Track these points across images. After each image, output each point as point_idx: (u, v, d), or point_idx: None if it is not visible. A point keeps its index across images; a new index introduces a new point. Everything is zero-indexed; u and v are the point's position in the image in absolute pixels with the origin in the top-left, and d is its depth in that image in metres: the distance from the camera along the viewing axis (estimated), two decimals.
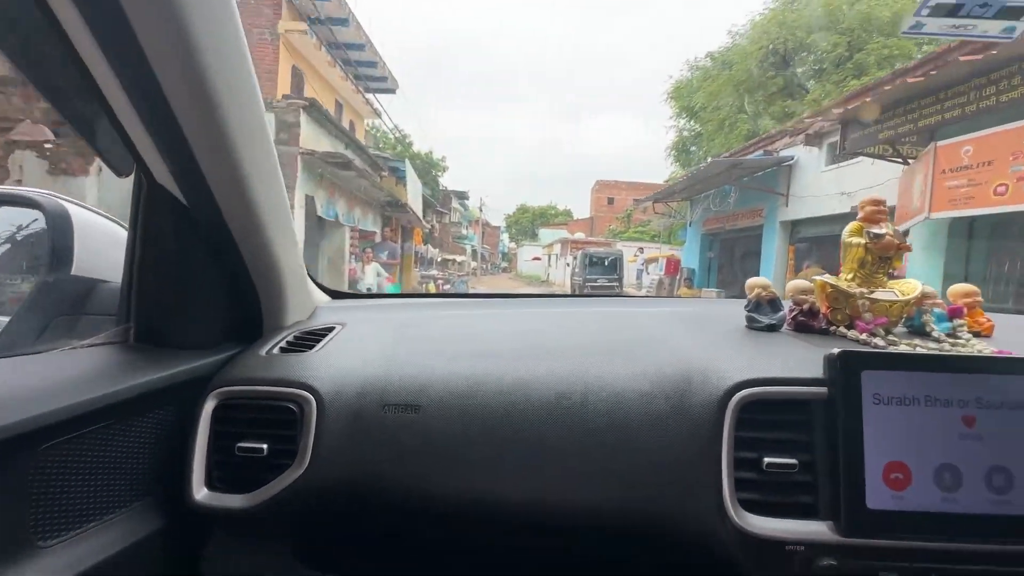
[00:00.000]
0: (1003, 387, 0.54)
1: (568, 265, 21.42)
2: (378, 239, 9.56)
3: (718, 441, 0.56)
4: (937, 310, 0.71)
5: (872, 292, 0.71)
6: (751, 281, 0.76)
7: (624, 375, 0.63)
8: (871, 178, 7.23)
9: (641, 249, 20.58)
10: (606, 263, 17.19)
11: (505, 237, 55.52)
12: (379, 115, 13.38)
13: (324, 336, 0.78)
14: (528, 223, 50.48)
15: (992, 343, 0.69)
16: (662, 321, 0.83)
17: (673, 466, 0.58)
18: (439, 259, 20.79)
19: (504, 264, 53.12)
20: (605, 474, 0.59)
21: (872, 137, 6.36)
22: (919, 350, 0.65)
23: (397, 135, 22.04)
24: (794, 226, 9.60)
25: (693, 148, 18.22)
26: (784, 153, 9.46)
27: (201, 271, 0.72)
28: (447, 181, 26.62)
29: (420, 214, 13.60)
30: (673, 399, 0.60)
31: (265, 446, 0.62)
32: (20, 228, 0.87)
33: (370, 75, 12.14)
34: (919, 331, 0.72)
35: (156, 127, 0.57)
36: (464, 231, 30.31)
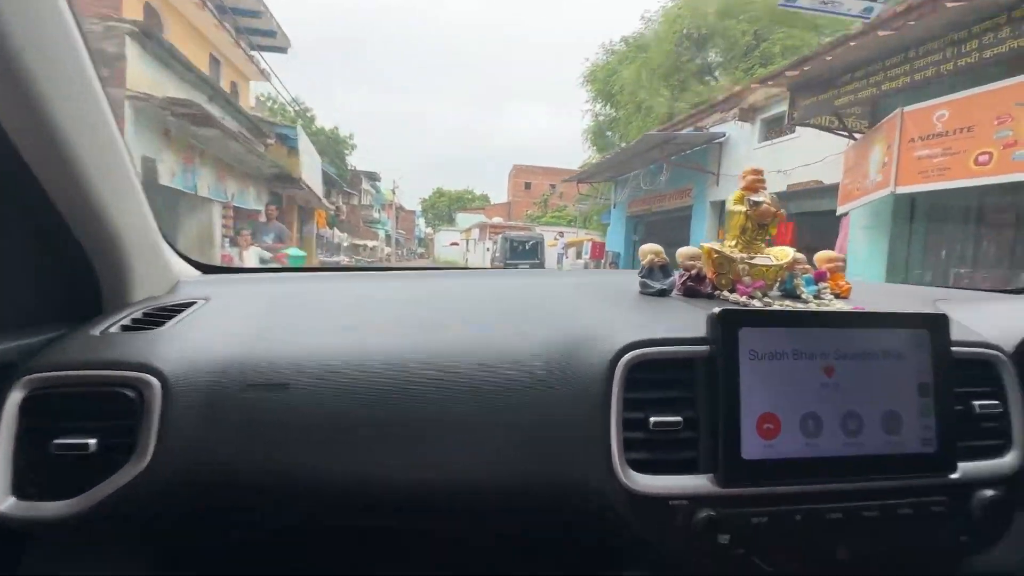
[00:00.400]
0: (856, 339, 0.61)
1: (488, 250, 21.39)
2: (263, 219, 7.75)
3: (607, 403, 0.58)
4: (806, 275, 0.80)
5: (752, 258, 0.78)
6: (644, 248, 0.80)
7: (513, 343, 0.63)
8: (809, 154, 6.93)
9: (561, 233, 20.84)
10: (527, 247, 17.36)
11: (421, 222, 54.49)
12: (268, 77, 11.71)
13: (180, 312, 0.70)
14: (445, 207, 49.98)
15: (849, 303, 0.78)
16: (556, 290, 0.84)
17: (564, 431, 0.59)
18: (347, 244, 19.73)
19: (421, 250, 52.17)
20: (496, 446, 0.59)
21: (827, 105, 5.71)
22: (777, 307, 0.72)
23: (297, 107, 20.54)
24: (724, 206, 9.38)
25: (609, 133, 18.44)
26: (715, 130, 9.11)
27: (6, 238, 0.60)
28: (356, 162, 25.77)
29: (321, 193, 12.60)
30: (562, 364, 0.61)
31: (93, 441, 0.54)
32: None
33: (253, 27, 10.22)
34: (791, 293, 0.79)
35: None
36: (376, 215, 29.29)
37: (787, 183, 7.38)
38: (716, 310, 0.60)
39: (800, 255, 0.80)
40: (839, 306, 0.74)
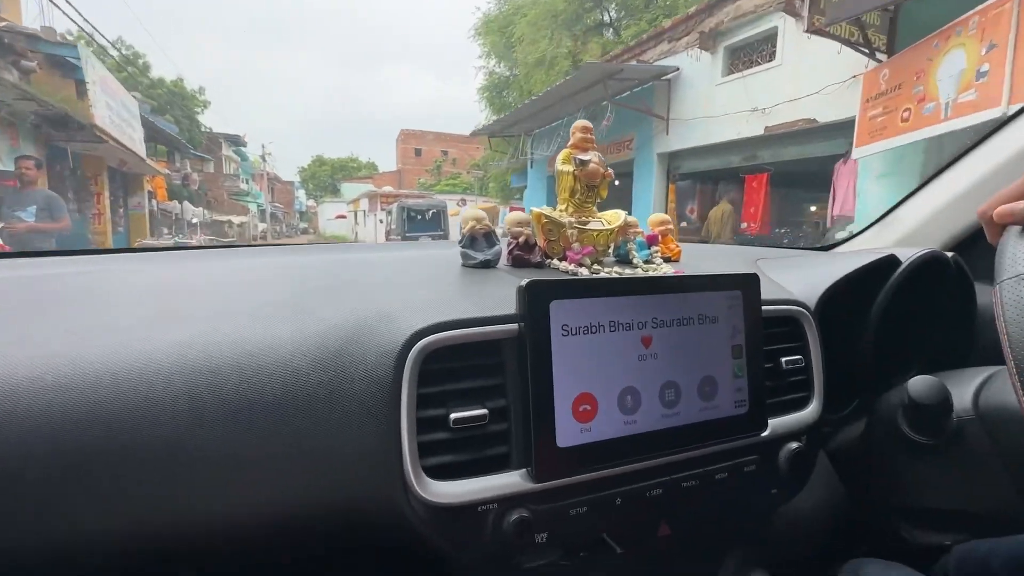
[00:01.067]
0: (673, 305, 0.59)
1: (381, 222, 19.89)
2: (19, 186, 4.68)
3: (396, 402, 0.49)
4: (639, 238, 0.78)
5: (586, 223, 0.74)
6: (465, 213, 0.71)
7: (292, 338, 0.51)
8: (796, 86, 5.60)
9: (463, 201, 18.54)
10: (428, 217, 15.59)
11: (302, 194, 50.53)
12: None
13: None
14: (327, 177, 46.76)
15: (678, 267, 0.78)
16: (373, 267, 0.74)
17: (346, 445, 0.49)
18: (205, 220, 17.52)
19: (303, 225, 48.51)
20: (263, 472, 0.47)
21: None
22: (607, 273, 0.68)
23: (120, 50, 17.57)
24: (673, 159, 7.80)
25: (506, 92, 17.35)
26: (664, 63, 7.53)
27: None
28: (213, 125, 23.12)
29: (143, 153, 10.35)
30: (345, 359, 0.51)
31: None
32: None
33: None
34: (624, 259, 0.77)
35: None
36: (244, 185, 26.32)
37: (764, 124, 6.13)
38: (524, 282, 0.53)
39: (632, 218, 0.77)
40: (665, 270, 0.74)
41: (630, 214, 0.78)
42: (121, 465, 0.43)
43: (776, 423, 0.65)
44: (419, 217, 15.42)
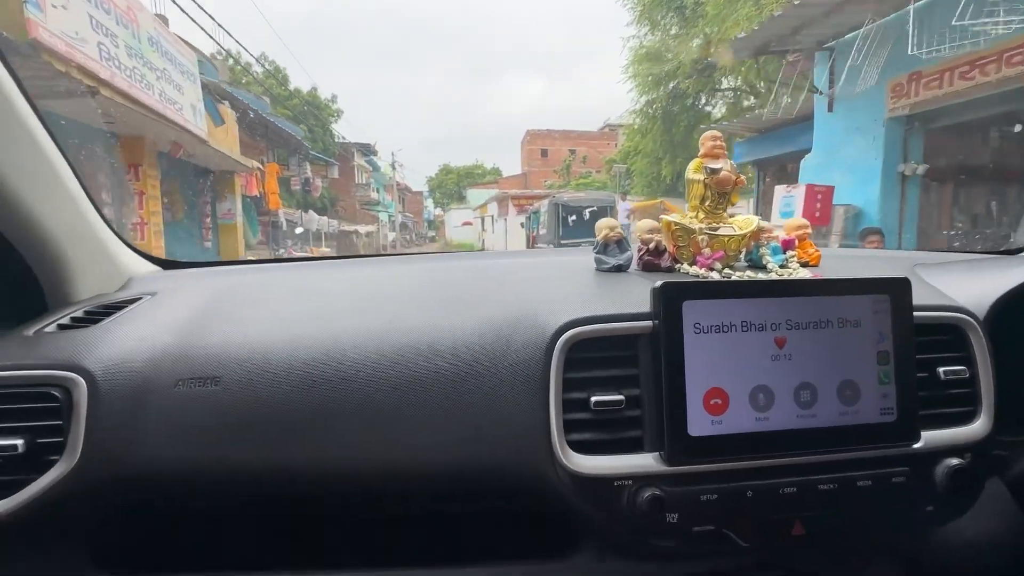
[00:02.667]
0: (808, 308, 0.62)
1: (522, 226, 17.05)
2: None
3: (546, 384, 0.61)
4: (773, 243, 0.81)
5: (716, 228, 0.80)
6: (599, 222, 0.82)
7: (458, 325, 0.67)
8: None
9: (623, 196, 14.17)
10: (586, 217, 12.06)
11: (429, 203, 54.44)
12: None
13: (121, 309, 0.75)
14: (453, 185, 49.45)
15: (817, 272, 0.80)
16: (515, 271, 0.87)
17: (505, 415, 0.62)
18: (329, 231, 17.78)
19: (431, 233, 52.28)
20: (438, 431, 0.62)
21: None
22: (738, 277, 0.74)
23: (265, 64, 18.88)
24: None
25: (670, 56, 13.42)
26: None
27: None
28: (344, 136, 24.24)
29: (201, 131, 7.52)
30: (503, 345, 0.64)
31: (20, 442, 0.59)
32: None
33: None
34: (757, 264, 0.81)
35: None
36: (375, 195, 27.94)
37: None
38: (658, 283, 0.61)
39: (766, 223, 0.81)
40: (803, 275, 0.76)
41: None
42: (338, 417, 0.61)
43: (932, 436, 0.65)
44: (578, 218, 12.16)
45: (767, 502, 0.62)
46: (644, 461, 0.60)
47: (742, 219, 0.83)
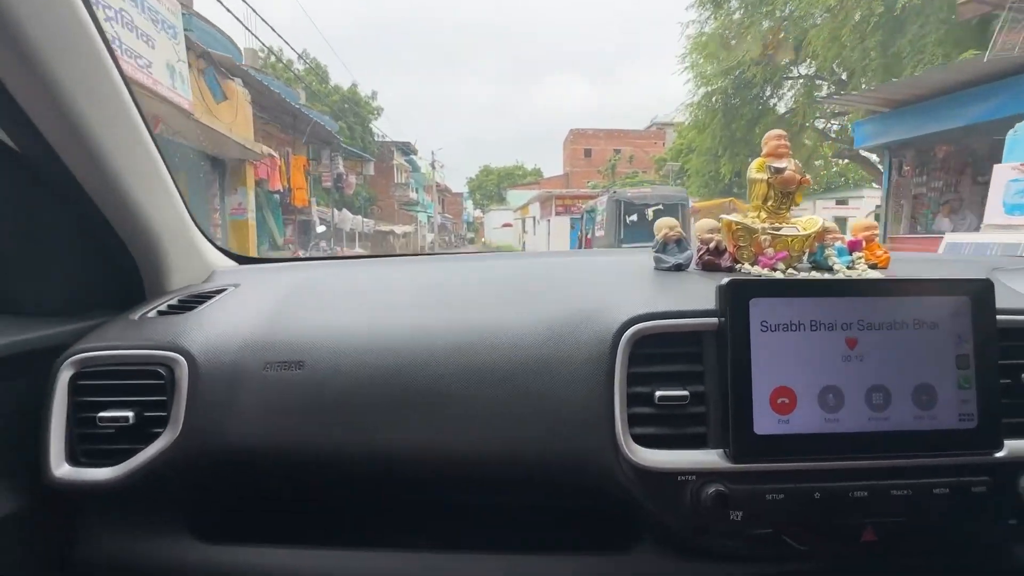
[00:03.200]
0: (881, 308, 0.62)
1: (573, 227, 15.93)
2: None
3: (611, 377, 0.63)
4: (838, 244, 0.80)
5: (778, 228, 0.80)
6: (658, 222, 0.83)
7: (521, 321, 0.70)
8: None
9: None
10: (651, 216, 10.61)
11: (469, 204, 55.07)
12: None
13: (211, 298, 0.82)
14: (493, 186, 49.71)
15: (885, 274, 0.78)
16: (571, 270, 0.90)
17: (570, 407, 0.64)
18: (364, 231, 17.66)
19: (471, 235, 52.81)
20: (506, 420, 0.65)
21: None
22: (803, 276, 0.73)
23: (306, 61, 18.52)
24: None
25: (734, 42, 12.49)
26: None
27: (52, 230, 0.74)
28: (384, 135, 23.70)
29: (183, 100, 6.53)
30: (568, 340, 0.67)
31: (130, 414, 0.66)
32: None
33: None
34: (822, 265, 0.80)
35: None
36: (414, 194, 27.62)
37: None
38: (725, 280, 0.62)
39: (832, 224, 0.80)
40: (873, 276, 0.75)
41: None
42: (410, 403, 0.65)
43: (1016, 445, 0.63)
44: (641, 217, 10.92)
45: (836, 505, 0.61)
46: (708, 457, 0.61)
47: (806, 219, 0.83)
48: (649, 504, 0.63)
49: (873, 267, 0.82)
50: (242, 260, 1.10)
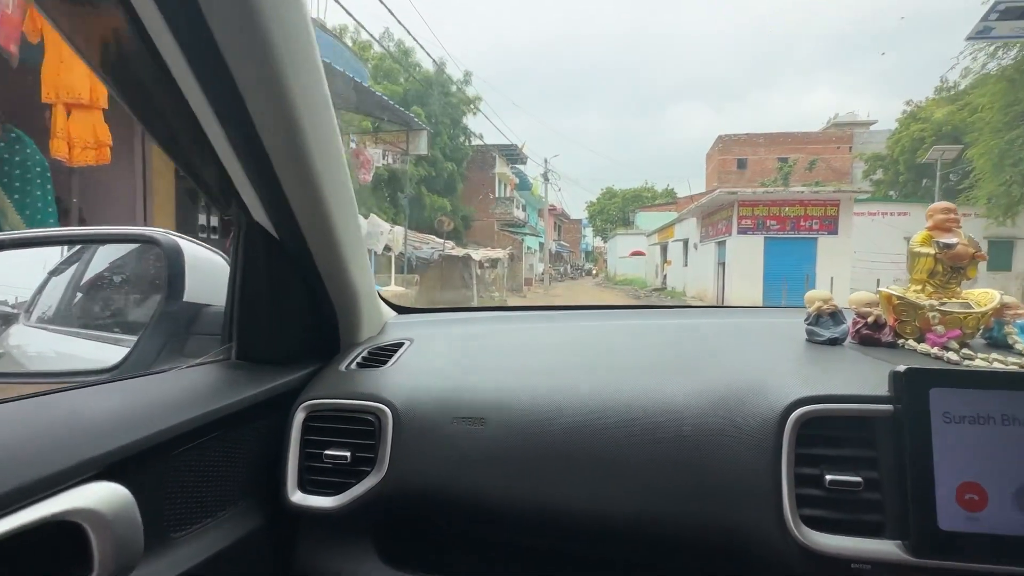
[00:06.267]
0: None
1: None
2: None
3: (778, 457, 0.69)
4: (1020, 321, 0.81)
5: (944, 304, 0.83)
6: (810, 294, 0.90)
7: (683, 391, 0.80)
8: None
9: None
10: None
11: (589, 232, 55.07)
12: None
13: (395, 352, 1.05)
14: (617, 211, 48.00)
15: None
16: (722, 334, 1.00)
17: (733, 481, 0.72)
18: (430, 255, 14.26)
19: (588, 265, 52.56)
20: (665, 489, 0.74)
21: None
22: (996, 366, 0.74)
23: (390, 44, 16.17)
24: None
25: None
26: None
27: (290, 295, 0.99)
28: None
29: None
30: (731, 416, 0.75)
31: (348, 454, 0.87)
32: (143, 262, 1.26)
33: None
34: (1000, 343, 0.82)
35: (250, 164, 0.81)
36: (520, 212, 23.48)
37: None
38: (901, 368, 0.64)
39: (1011, 298, 0.81)
40: None
41: None
42: (570, 464, 0.79)
43: None
44: None
45: None
46: (885, 547, 0.64)
47: (979, 292, 0.85)
48: None
49: None
50: (400, 310, 1.37)
